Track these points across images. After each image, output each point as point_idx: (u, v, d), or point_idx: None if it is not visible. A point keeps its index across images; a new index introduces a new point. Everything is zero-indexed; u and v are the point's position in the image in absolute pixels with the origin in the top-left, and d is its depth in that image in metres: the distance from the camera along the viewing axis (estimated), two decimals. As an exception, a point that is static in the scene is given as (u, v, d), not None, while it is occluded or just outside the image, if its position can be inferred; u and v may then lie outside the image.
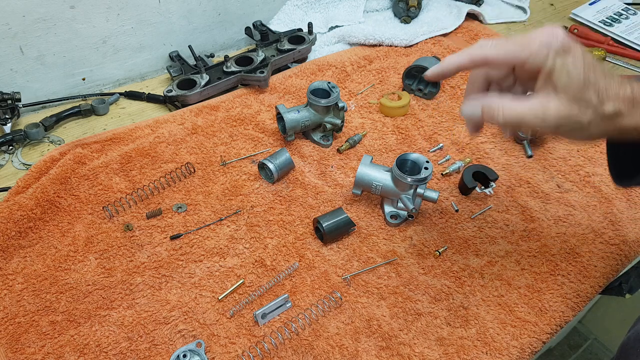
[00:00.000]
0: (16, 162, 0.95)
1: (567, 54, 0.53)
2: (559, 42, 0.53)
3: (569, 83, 0.53)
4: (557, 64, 0.53)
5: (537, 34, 0.54)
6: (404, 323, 0.71)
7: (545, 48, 0.53)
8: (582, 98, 0.53)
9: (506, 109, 0.55)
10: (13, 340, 0.68)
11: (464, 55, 0.59)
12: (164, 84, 1.16)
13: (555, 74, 0.53)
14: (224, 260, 0.79)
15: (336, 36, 1.28)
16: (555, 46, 0.53)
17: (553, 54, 0.53)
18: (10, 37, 0.96)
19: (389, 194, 0.83)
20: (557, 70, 0.53)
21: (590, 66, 0.53)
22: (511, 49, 0.55)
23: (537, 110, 0.54)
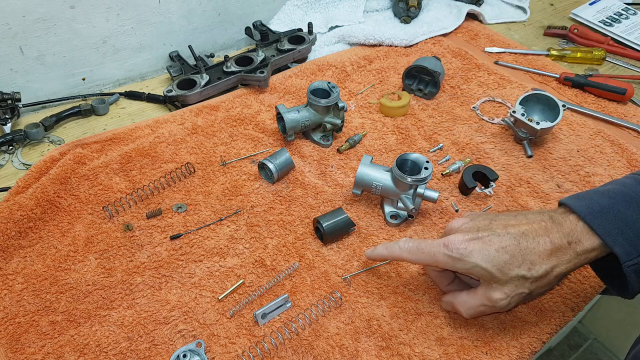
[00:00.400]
0: (16, 162, 0.95)
1: (470, 255, 0.61)
2: (458, 252, 0.62)
3: (490, 275, 0.61)
4: (468, 267, 0.61)
5: (440, 245, 0.63)
6: (404, 323, 0.71)
7: (448, 259, 0.63)
8: (511, 278, 0.60)
9: (466, 308, 0.66)
10: (13, 340, 0.68)
11: (387, 253, 0.70)
12: (164, 84, 1.17)
13: (474, 274, 0.62)
14: (224, 260, 0.79)
15: (336, 36, 1.28)
16: (456, 255, 0.62)
17: (457, 262, 0.62)
18: (10, 37, 0.96)
19: (389, 194, 0.83)
20: (472, 272, 0.62)
21: (499, 250, 0.60)
22: (422, 259, 0.66)
23: (487, 302, 0.63)
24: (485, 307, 0.64)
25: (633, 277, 0.58)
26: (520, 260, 0.60)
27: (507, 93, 1.13)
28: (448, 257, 0.62)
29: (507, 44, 1.29)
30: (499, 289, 0.61)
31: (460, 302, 0.67)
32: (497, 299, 0.62)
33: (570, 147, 1.00)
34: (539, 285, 0.61)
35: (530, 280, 0.60)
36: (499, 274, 0.60)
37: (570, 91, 1.15)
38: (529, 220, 0.62)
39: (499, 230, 0.62)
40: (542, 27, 1.40)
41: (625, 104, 1.11)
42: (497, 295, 0.61)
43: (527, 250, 0.60)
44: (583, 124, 1.05)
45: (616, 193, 0.60)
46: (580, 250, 0.59)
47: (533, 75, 1.20)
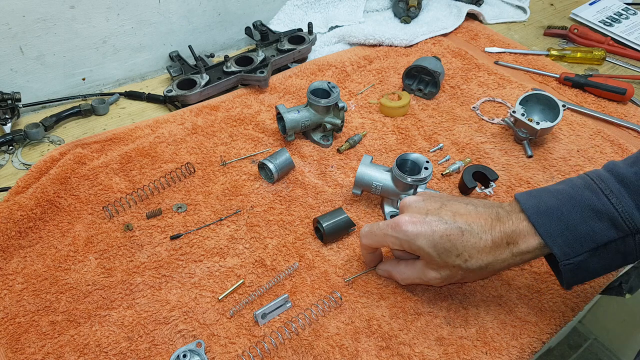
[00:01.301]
0: (16, 162, 0.95)
1: (416, 238, 0.64)
2: (405, 234, 0.65)
3: (430, 258, 0.65)
4: (414, 248, 0.65)
5: (389, 225, 0.67)
6: (404, 323, 0.71)
7: (396, 240, 0.66)
8: (448, 264, 0.65)
9: (402, 277, 0.72)
10: (13, 340, 0.68)
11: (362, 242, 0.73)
12: (164, 84, 1.17)
13: (416, 253, 0.67)
14: (224, 260, 0.79)
15: (336, 36, 1.28)
16: (402, 237, 0.65)
17: (404, 243, 0.66)
18: (10, 37, 0.96)
19: (389, 194, 0.83)
20: (415, 252, 0.66)
21: (443, 237, 0.63)
22: (375, 240, 0.70)
23: (423, 277, 0.69)
24: (420, 280, 0.70)
25: (568, 274, 0.62)
26: (459, 250, 0.63)
27: (507, 93, 1.13)
28: (395, 238, 0.66)
29: (507, 44, 1.29)
30: (435, 270, 0.67)
31: (398, 272, 0.73)
32: (431, 278, 0.67)
33: (570, 147, 1.00)
34: (471, 275, 0.67)
35: (464, 270, 0.65)
36: (438, 259, 0.65)
37: (570, 91, 1.15)
38: (478, 213, 0.65)
39: (447, 217, 0.64)
40: (542, 27, 1.40)
41: (625, 104, 1.11)
42: (433, 275, 0.67)
43: (469, 245, 0.63)
44: (583, 124, 1.05)
45: (564, 195, 0.62)
46: (516, 251, 0.63)
47: (533, 75, 1.20)
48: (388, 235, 0.67)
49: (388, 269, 0.75)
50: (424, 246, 0.64)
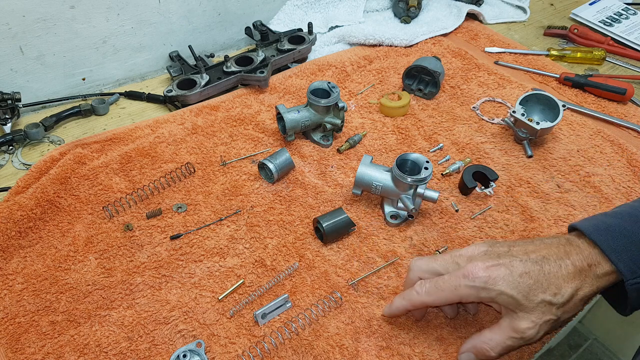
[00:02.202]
0: (16, 162, 0.95)
1: (495, 282, 0.58)
2: (481, 281, 0.59)
3: (515, 302, 0.58)
4: (493, 295, 0.59)
5: (459, 277, 0.60)
6: (404, 323, 0.71)
7: (472, 290, 0.59)
8: (537, 304, 0.58)
9: (492, 345, 0.61)
10: (13, 340, 0.68)
11: (406, 302, 0.65)
12: (164, 84, 1.17)
13: (498, 303, 0.60)
14: (224, 260, 0.79)
15: (336, 36, 1.28)
16: (479, 284, 0.59)
17: (481, 292, 0.59)
18: (10, 37, 0.96)
19: (389, 194, 0.83)
20: (497, 301, 0.59)
21: (523, 275, 0.58)
22: (443, 296, 0.62)
23: (514, 333, 0.59)
24: (514, 340, 0.60)
25: (634, 295, 0.58)
26: (545, 285, 0.58)
27: (507, 93, 1.13)
28: (471, 287, 0.59)
29: (507, 44, 1.29)
30: (526, 318, 0.58)
31: (484, 342, 0.62)
32: (524, 329, 0.58)
33: (570, 147, 1.00)
34: (565, 310, 0.59)
35: (557, 306, 0.58)
36: (525, 301, 0.58)
37: (570, 91, 1.15)
38: (547, 244, 0.61)
39: (520, 255, 0.60)
40: (542, 27, 1.40)
41: (625, 104, 1.11)
42: (525, 325, 0.58)
43: (551, 275, 0.58)
44: (583, 124, 1.05)
45: (623, 214, 0.61)
46: (599, 272, 0.59)
47: (533, 75, 1.20)
48: (461, 286, 0.60)
49: (472, 345, 0.63)
50: (505, 289, 0.58)
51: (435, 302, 0.63)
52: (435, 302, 0.63)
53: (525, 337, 0.59)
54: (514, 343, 0.60)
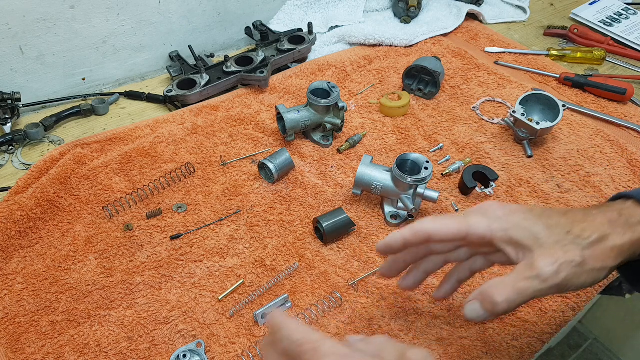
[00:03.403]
0: (16, 162, 0.95)
1: (510, 214, 0.52)
2: (495, 213, 0.53)
3: (533, 237, 0.50)
4: (508, 226, 0.51)
5: (473, 209, 0.55)
6: (404, 323, 0.71)
7: (483, 219, 0.53)
8: (559, 239, 0.50)
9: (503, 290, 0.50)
10: (13, 340, 0.68)
11: (407, 230, 0.57)
12: (164, 84, 1.17)
13: (513, 238, 0.52)
14: (224, 260, 0.79)
15: (336, 36, 1.28)
16: (493, 214, 0.53)
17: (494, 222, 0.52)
18: (10, 37, 0.96)
19: (389, 194, 0.83)
20: (511, 235, 0.51)
21: (542, 216, 0.52)
22: (450, 223, 0.54)
23: (530, 271, 0.49)
24: (528, 281, 0.49)
25: None
26: (568, 226, 0.50)
27: (507, 93, 1.13)
28: (482, 217, 0.53)
29: (507, 44, 1.29)
30: (544, 254, 0.49)
31: (491, 286, 0.51)
32: (542, 265, 0.48)
33: (570, 147, 1.00)
34: (593, 256, 0.49)
35: (582, 247, 0.49)
36: (545, 235, 0.50)
37: (570, 91, 1.15)
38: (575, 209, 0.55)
39: (541, 207, 0.54)
40: (542, 27, 1.40)
41: (625, 104, 1.11)
42: (542, 261, 0.49)
43: (575, 219, 0.51)
44: (583, 124, 1.05)
45: None
46: (633, 221, 0.51)
47: (533, 75, 1.20)
48: (471, 214, 0.54)
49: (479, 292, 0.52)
50: (522, 222, 0.51)
51: (440, 230, 0.54)
52: (440, 231, 0.54)
53: (542, 274, 0.48)
54: (527, 285, 0.49)
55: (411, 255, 0.61)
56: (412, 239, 0.57)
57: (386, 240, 0.59)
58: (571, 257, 0.49)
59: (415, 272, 0.62)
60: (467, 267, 0.61)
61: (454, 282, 0.62)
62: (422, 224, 0.56)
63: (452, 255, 0.61)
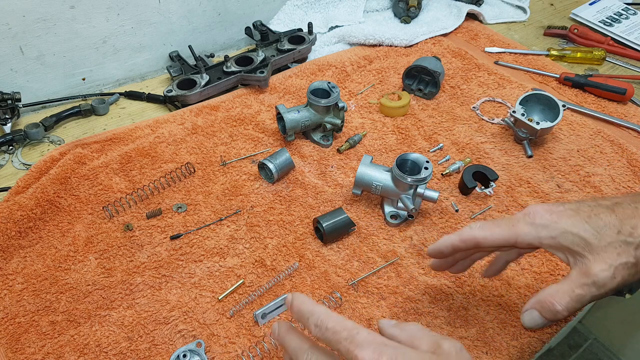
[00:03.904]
0: (16, 162, 0.95)
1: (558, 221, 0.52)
2: (543, 219, 0.53)
3: (584, 242, 0.50)
4: (555, 234, 0.51)
5: (519, 215, 0.55)
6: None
7: (531, 227, 0.53)
8: (610, 242, 0.49)
9: (560, 296, 0.50)
10: (13, 340, 0.68)
11: (455, 237, 0.58)
12: (164, 84, 1.17)
13: (562, 245, 0.51)
14: (224, 260, 0.79)
15: (336, 36, 1.28)
16: (540, 222, 0.53)
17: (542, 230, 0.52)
18: (10, 37, 0.96)
19: (389, 194, 0.83)
20: (561, 241, 0.51)
21: (592, 217, 0.51)
22: (498, 232, 0.55)
23: (585, 278, 0.49)
24: (584, 288, 0.49)
25: None
26: (618, 225, 0.49)
27: (507, 93, 1.13)
28: (530, 224, 0.52)
29: (507, 44, 1.29)
30: (598, 259, 0.49)
31: (549, 294, 0.51)
32: (596, 271, 0.49)
33: (570, 147, 1.00)
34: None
35: (635, 246, 0.49)
36: (595, 239, 0.49)
37: (570, 91, 1.15)
38: (621, 195, 0.55)
39: (589, 202, 0.53)
40: (542, 27, 1.40)
41: (625, 104, 1.11)
42: (597, 267, 0.49)
43: (625, 216, 0.50)
44: (583, 124, 1.05)
45: None
46: None
47: (533, 75, 1.20)
48: (519, 222, 0.53)
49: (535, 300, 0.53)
50: (570, 228, 0.50)
51: (488, 238, 0.55)
52: (488, 239, 0.55)
53: (599, 281, 0.49)
54: (585, 292, 0.49)
55: (461, 254, 0.64)
56: (461, 246, 0.58)
57: (437, 245, 0.60)
58: (625, 259, 0.49)
59: (464, 262, 0.65)
60: (517, 251, 0.62)
61: (502, 262, 0.64)
62: (471, 232, 0.57)
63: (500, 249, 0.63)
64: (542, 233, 0.52)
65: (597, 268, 0.49)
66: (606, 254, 0.49)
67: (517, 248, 0.57)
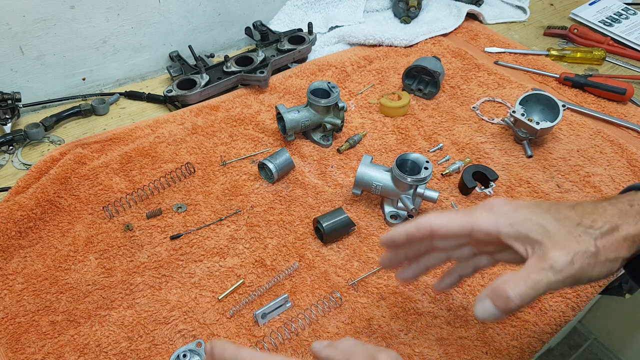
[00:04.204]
0: (16, 162, 0.95)
1: (517, 210, 0.51)
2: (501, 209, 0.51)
3: (544, 230, 0.49)
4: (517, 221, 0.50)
5: (478, 205, 0.54)
6: (404, 323, 0.71)
7: (490, 215, 0.52)
8: (570, 231, 0.49)
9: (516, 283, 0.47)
10: (13, 340, 0.68)
11: (411, 224, 0.56)
12: (164, 84, 1.17)
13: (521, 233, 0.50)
14: (224, 260, 0.79)
15: (336, 36, 1.28)
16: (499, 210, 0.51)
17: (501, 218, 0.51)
18: (10, 37, 0.96)
19: (389, 194, 0.83)
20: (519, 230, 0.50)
21: (551, 209, 0.50)
22: (454, 218, 0.53)
23: (543, 263, 0.47)
24: (542, 273, 0.47)
25: None
26: (577, 218, 0.49)
27: (507, 93, 1.13)
28: (489, 211, 0.52)
29: (507, 44, 1.29)
30: (558, 246, 0.48)
31: (503, 282, 0.48)
32: (556, 256, 0.47)
33: (570, 147, 1.00)
34: (606, 246, 0.48)
35: (594, 237, 0.48)
36: (555, 228, 0.48)
37: (570, 91, 1.15)
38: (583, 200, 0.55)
39: (548, 203, 0.52)
40: (542, 27, 1.40)
41: (625, 104, 1.11)
42: (557, 252, 0.47)
43: (584, 212, 0.50)
44: (583, 124, 1.05)
45: None
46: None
47: (533, 75, 1.20)
48: (477, 210, 0.52)
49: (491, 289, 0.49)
50: (531, 217, 0.50)
51: (443, 226, 0.53)
52: (443, 227, 0.54)
53: (556, 265, 0.47)
54: (541, 277, 0.47)
55: (413, 250, 0.60)
56: (416, 234, 0.56)
57: (390, 234, 0.58)
58: (585, 247, 0.48)
59: (415, 266, 0.61)
60: (471, 264, 0.60)
61: (456, 276, 0.62)
62: (426, 219, 0.55)
63: (455, 253, 0.60)
64: (501, 220, 0.51)
65: (556, 253, 0.47)
66: (565, 241, 0.48)
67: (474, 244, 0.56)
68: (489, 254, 0.58)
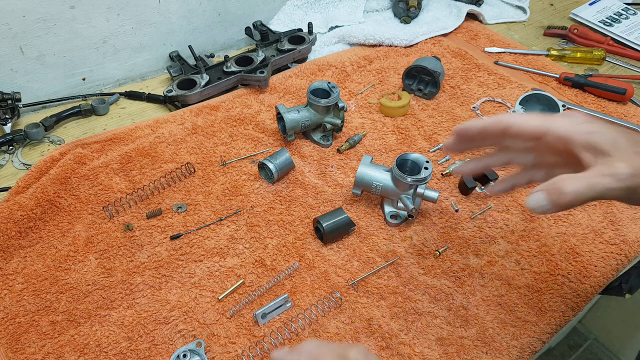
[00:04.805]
0: (16, 162, 0.95)
1: (595, 122, 0.52)
2: (577, 118, 0.53)
3: (614, 143, 0.50)
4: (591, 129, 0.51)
5: (556, 115, 0.55)
6: (404, 323, 0.71)
7: (567, 120, 0.53)
8: (638, 152, 0.50)
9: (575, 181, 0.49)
10: (13, 340, 0.68)
11: (489, 119, 0.57)
12: (164, 84, 1.17)
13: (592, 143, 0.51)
14: (224, 260, 0.79)
15: (336, 36, 1.28)
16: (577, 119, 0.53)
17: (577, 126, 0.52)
18: (10, 37, 0.96)
19: (389, 194, 0.83)
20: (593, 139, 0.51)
21: (621, 128, 0.52)
22: (532, 118, 0.54)
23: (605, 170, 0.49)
24: (603, 178, 0.48)
25: None
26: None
27: (507, 93, 1.13)
28: (568, 118, 0.53)
29: (507, 44, 1.29)
30: (622, 158, 0.49)
31: (562, 179, 0.50)
32: (621, 166, 0.48)
33: (570, 147, 1.00)
34: None
35: None
36: (625, 144, 0.50)
37: (570, 91, 1.15)
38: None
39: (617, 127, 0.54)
40: (542, 27, 1.40)
41: (625, 104, 1.11)
42: (622, 163, 0.48)
43: None
44: (583, 124, 1.05)
45: None
46: None
47: (533, 75, 1.20)
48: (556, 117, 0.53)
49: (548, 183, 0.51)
50: (603, 129, 0.51)
51: (518, 123, 0.54)
52: (518, 124, 0.54)
53: (619, 173, 0.48)
54: (601, 180, 0.48)
55: (480, 142, 0.61)
56: (491, 128, 0.57)
57: (466, 124, 0.58)
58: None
59: (476, 162, 0.63)
60: (527, 175, 0.62)
61: (510, 184, 0.63)
62: (504, 116, 0.56)
63: (518, 157, 0.61)
64: (577, 128, 0.52)
65: (622, 164, 0.49)
66: (632, 157, 0.49)
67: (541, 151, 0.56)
68: (548, 167, 0.59)
